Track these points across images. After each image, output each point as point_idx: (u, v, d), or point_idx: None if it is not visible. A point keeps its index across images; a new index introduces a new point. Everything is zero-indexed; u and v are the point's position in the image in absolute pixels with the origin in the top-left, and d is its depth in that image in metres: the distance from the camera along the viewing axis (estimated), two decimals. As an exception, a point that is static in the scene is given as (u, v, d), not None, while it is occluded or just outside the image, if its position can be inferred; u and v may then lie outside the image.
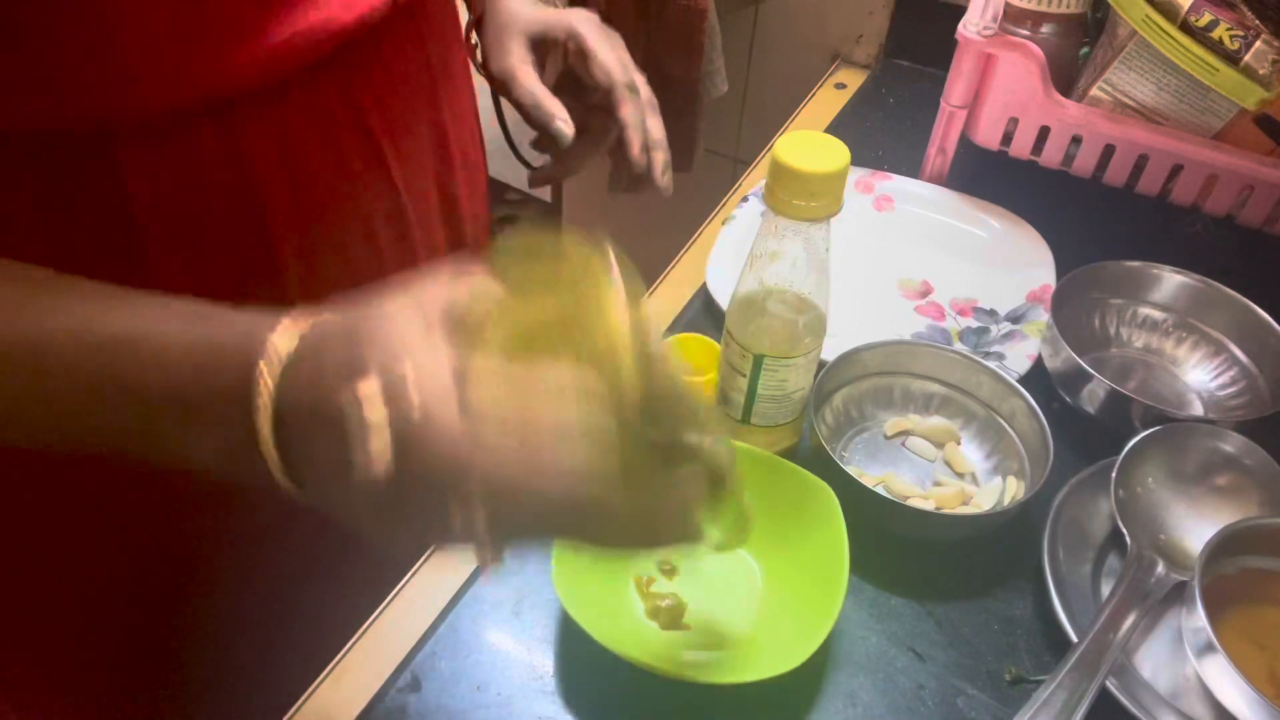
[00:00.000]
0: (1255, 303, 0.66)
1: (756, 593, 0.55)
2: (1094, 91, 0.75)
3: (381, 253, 0.56)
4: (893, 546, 0.57)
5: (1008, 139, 0.79)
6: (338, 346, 0.33)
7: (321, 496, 0.33)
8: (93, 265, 0.40)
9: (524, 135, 0.72)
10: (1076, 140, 0.77)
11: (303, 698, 0.51)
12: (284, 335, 0.33)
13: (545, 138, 0.63)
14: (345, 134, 0.50)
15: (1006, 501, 0.59)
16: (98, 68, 0.40)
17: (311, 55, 0.46)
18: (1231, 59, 0.67)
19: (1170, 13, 0.68)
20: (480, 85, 0.67)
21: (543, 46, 0.65)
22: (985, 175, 0.82)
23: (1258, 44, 0.67)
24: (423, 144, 0.57)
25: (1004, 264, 0.76)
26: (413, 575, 0.56)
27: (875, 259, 0.77)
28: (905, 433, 0.64)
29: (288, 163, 0.48)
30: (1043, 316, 0.70)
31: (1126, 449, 0.57)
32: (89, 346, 0.35)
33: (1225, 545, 0.51)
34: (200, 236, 0.47)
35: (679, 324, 0.71)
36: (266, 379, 0.32)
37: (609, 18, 0.92)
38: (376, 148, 0.52)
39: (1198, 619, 0.48)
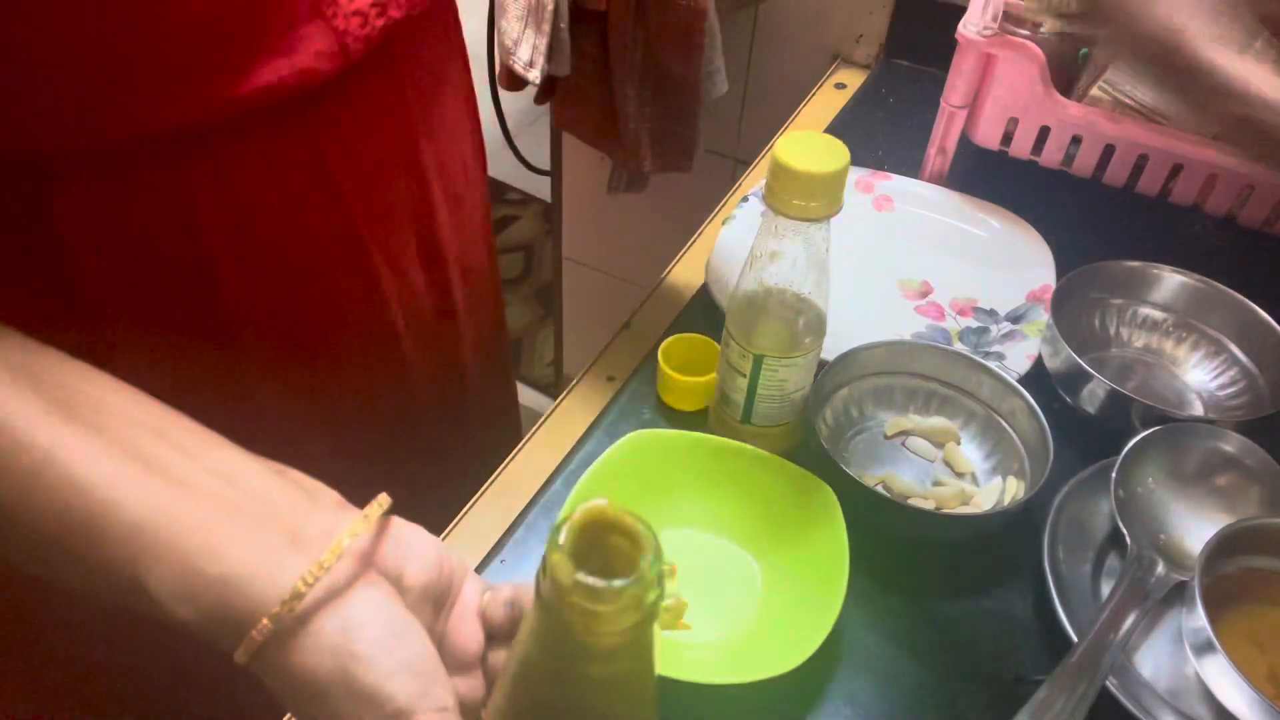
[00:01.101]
0: (1255, 303, 0.66)
1: (756, 593, 0.55)
2: (1094, 91, 0.75)
3: (342, 302, 0.55)
4: (893, 546, 0.57)
5: (1008, 139, 0.79)
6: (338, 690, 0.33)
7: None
8: (35, 306, 0.40)
9: (524, 135, 0.72)
10: (1076, 140, 0.77)
11: (303, 698, 0.51)
12: (292, 600, 0.33)
13: None
14: (304, 184, 0.50)
15: (1006, 501, 0.59)
16: (21, 108, 0.40)
17: (265, 105, 0.45)
18: (1231, 59, 0.67)
19: (1170, 13, 0.68)
20: (479, 84, 0.67)
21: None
22: (985, 175, 0.81)
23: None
24: (397, 190, 0.56)
25: (1004, 264, 0.76)
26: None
27: (875, 259, 0.77)
28: (905, 433, 0.64)
29: (235, 212, 0.47)
30: (1043, 316, 0.70)
31: (1126, 449, 0.57)
32: (90, 535, 0.33)
33: (1225, 545, 0.51)
34: (142, 280, 0.47)
35: (679, 324, 0.71)
36: (263, 628, 0.32)
37: (609, 18, 0.92)
38: (340, 198, 0.51)
39: (1198, 619, 0.48)
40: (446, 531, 0.58)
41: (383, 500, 0.37)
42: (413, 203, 0.57)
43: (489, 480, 0.61)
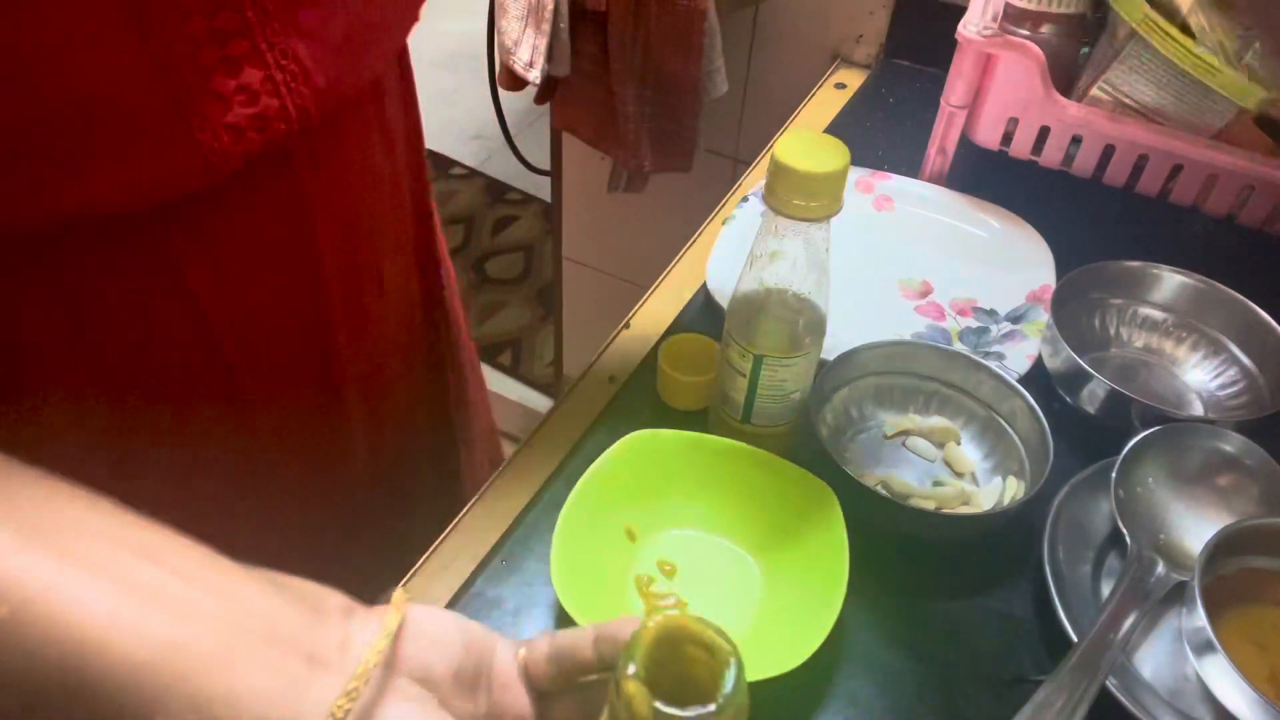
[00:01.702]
0: (1255, 303, 0.66)
1: (756, 593, 0.55)
2: (1094, 91, 0.75)
3: (203, 429, 0.50)
4: (893, 546, 0.57)
5: (1008, 139, 0.79)
6: None
7: None
8: None
9: (524, 135, 0.71)
10: (1076, 140, 0.77)
11: (302, 698, 0.51)
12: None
13: None
14: (160, 307, 0.44)
15: (1006, 501, 0.59)
16: None
17: (111, 215, 0.40)
18: (1231, 59, 0.67)
19: (1170, 13, 0.68)
20: (479, 83, 0.66)
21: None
22: (985, 175, 0.81)
23: (1258, 44, 0.67)
24: (278, 312, 0.49)
25: (1004, 264, 0.76)
26: (413, 575, 0.56)
27: (875, 259, 0.77)
28: (905, 433, 0.64)
29: (79, 328, 0.43)
30: (1043, 316, 0.70)
31: (1126, 449, 0.57)
32: (86, 686, 0.28)
33: (1225, 545, 0.51)
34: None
35: (679, 324, 0.71)
36: None
37: (609, 18, 0.92)
38: (202, 321, 0.46)
39: (1198, 619, 0.48)
40: (445, 533, 0.58)
41: (399, 602, 0.35)
42: (299, 324, 0.51)
43: (489, 480, 0.61)
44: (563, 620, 0.54)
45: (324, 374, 0.54)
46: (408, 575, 0.56)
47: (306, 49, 0.41)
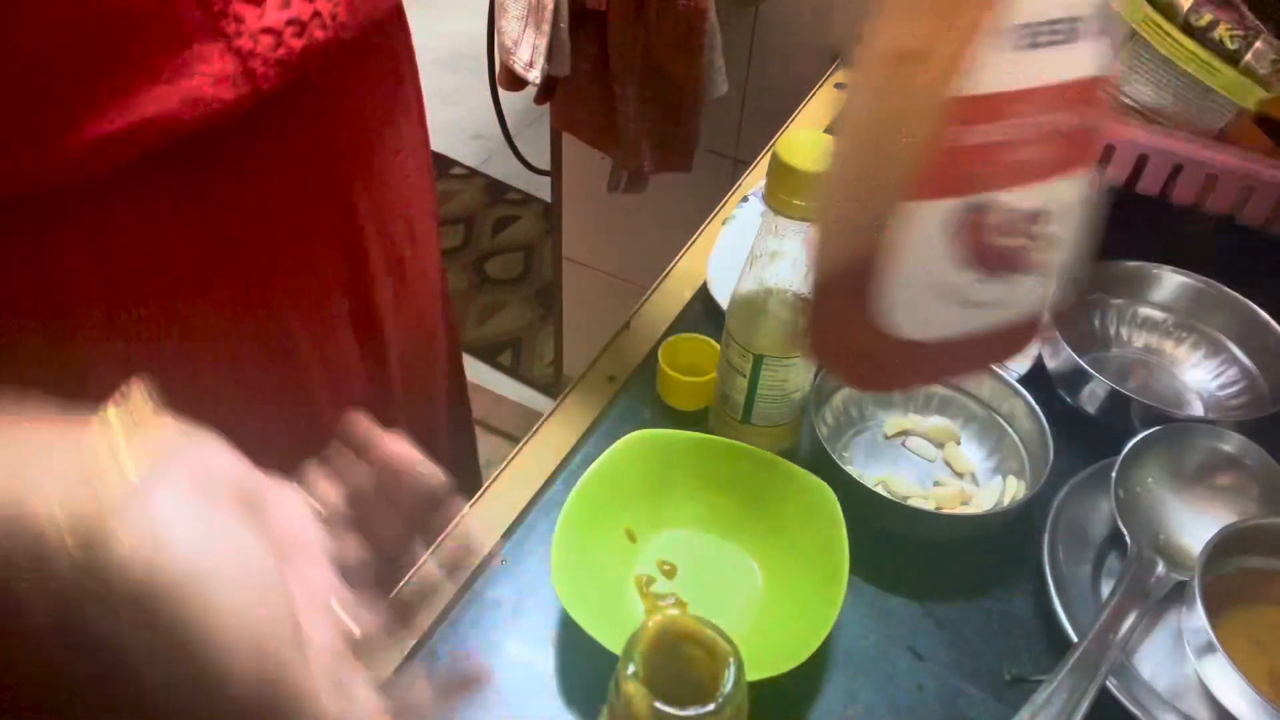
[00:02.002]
0: (1255, 303, 0.66)
1: (756, 593, 0.55)
2: (1094, 91, 0.75)
3: (249, 382, 0.48)
4: (893, 546, 0.57)
5: (1008, 139, 0.79)
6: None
7: None
8: None
9: (524, 135, 0.70)
10: (1076, 140, 0.77)
11: (302, 698, 0.51)
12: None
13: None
14: (195, 250, 0.42)
15: (1006, 501, 0.59)
16: None
17: (147, 148, 0.38)
18: (1231, 59, 0.67)
19: (1170, 13, 0.68)
20: (479, 84, 0.66)
21: None
22: (985, 175, 0.81)
23: (1258, 44, 0.67)
24: (320, 256, 0.48)
25: (1004, 264, 0.76)
26: (412, 575, 0.56)
27: (875, 259, 0.77)
28: (905, 433, 0.64)
29: (110, 283, 0.41)
30: (1043, 316, 0.70)
31: (1126, 449, 0.57)
32: None
33: (1225, 545, 0.51)
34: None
35: (679, 324, 0.71)
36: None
37: (609, 18, 0.92)
38: (242, 266, 0.44)
39: (1198, 619, 0.48)
40: (446, 532, 0.58)
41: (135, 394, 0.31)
42: (343, 270, 0.50)
43: (488, 480, 0.61)
44: (563, 620, 0.54)
45: (367, 321, 0.54)
46: (407, 575, 0.56)
47: None
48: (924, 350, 0.37)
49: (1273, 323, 0.65)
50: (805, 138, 0.50)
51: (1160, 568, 0.54)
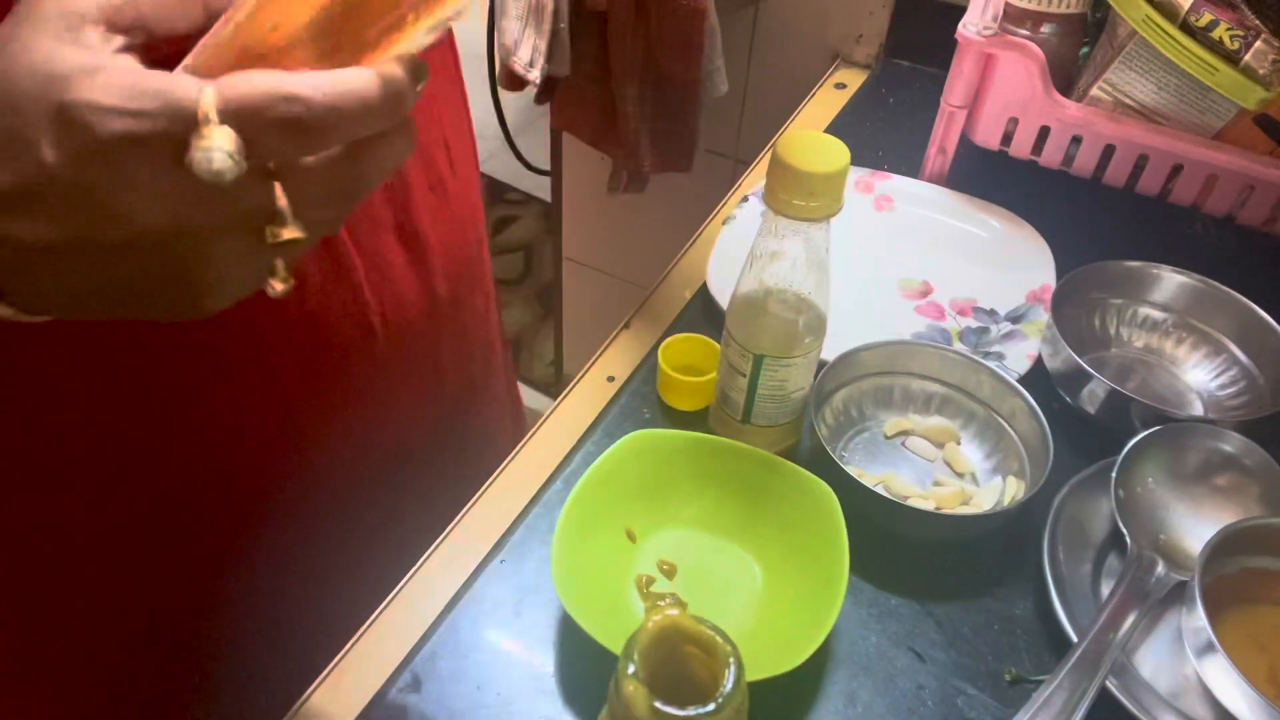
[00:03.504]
0: (1255, 303, 0.66)
1: (756, 593, 0.55)
2: (1094, 91, 0.75)
3: (312, 292, 0.50)
4: (893, 546, 0.57)
5: (1008, 139, 0.79)
6: None
7: None
8: None
9: (524, 135, 0.70)
10: (1076, 140, 0.77)
11: (303, 698, 0.51)
12: None
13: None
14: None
15: (1006, 501, 0.59)
16: None
17: None
18: (1231, 59, 0.67)
19: (1170, 13, 0.68)
20: (479, 84, 0.66)
21: None
22: (985, 175, 0.81)
23: (1258, 44, 0.67)
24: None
25: (1004, 264, 0.76)
26: (413, 575, 0.56)
27: (875, 259, 0.77)
28: (905, 433, 0.64)
29: None
30: (1043, 316, 0.70)
31: (1126, 449, 0.57)
32: None
33: (1225, 545, 0.51)
34: None
35: (679, 324, 0.71)
36: None
37: (609, 18, 0.92)
38: None
39: (1198, 619, 0.48)
40: (446, 532, 0.58)
41: None
42: (385, 184, 0.53)
43: (489, 480, 0.61)
44: (563, 620, 0.54)
45: (412, 234, 0.56)
46: (408, 575, 0.56)
47: None
48: None
49: (1273, 323, 0.65)
50: (805, 138, 0.50)
51: (1160, 568, 0.54)
